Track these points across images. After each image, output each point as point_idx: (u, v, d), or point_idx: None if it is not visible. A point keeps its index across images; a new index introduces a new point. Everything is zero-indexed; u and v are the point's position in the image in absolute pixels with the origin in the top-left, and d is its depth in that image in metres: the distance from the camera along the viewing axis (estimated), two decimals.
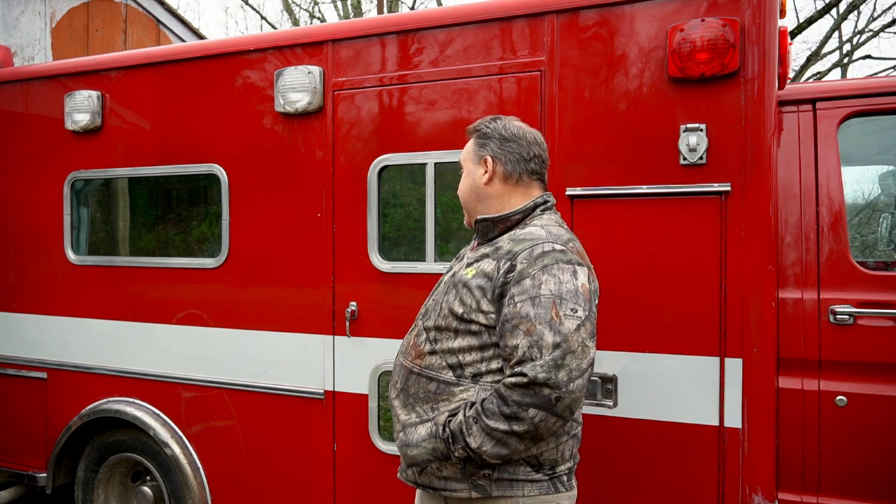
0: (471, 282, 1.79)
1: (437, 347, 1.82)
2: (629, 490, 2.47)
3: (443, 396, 1.79)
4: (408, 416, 1.84)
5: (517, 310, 1.69)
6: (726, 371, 2.33)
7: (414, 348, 1.88)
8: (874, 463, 2.39)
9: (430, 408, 1.80)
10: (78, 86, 3.45)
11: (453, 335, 1.80)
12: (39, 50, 7.31)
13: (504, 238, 1.86)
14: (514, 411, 1.64)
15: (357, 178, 2.86)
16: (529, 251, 1.75)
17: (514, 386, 1.65)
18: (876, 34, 12.65)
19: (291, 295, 3.01)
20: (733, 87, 2.31)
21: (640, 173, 2.42)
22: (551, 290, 1.69)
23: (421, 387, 1.82)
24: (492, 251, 1.83)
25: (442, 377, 1.80)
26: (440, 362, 1.81)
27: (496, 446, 1.67)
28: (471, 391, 1.77)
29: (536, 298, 1.68)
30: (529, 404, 1.64)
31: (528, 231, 1.84)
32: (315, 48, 2.94)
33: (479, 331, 1.77)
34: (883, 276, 2.49)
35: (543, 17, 2.55)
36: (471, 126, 2.00)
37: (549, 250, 1.74)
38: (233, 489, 3.17)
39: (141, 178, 3.39)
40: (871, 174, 3.48)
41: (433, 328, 1.84)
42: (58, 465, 3.53)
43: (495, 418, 1.66)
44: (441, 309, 1.84)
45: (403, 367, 1.90)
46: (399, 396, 1.88)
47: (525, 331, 1.67)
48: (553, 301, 1.68)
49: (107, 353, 3.42)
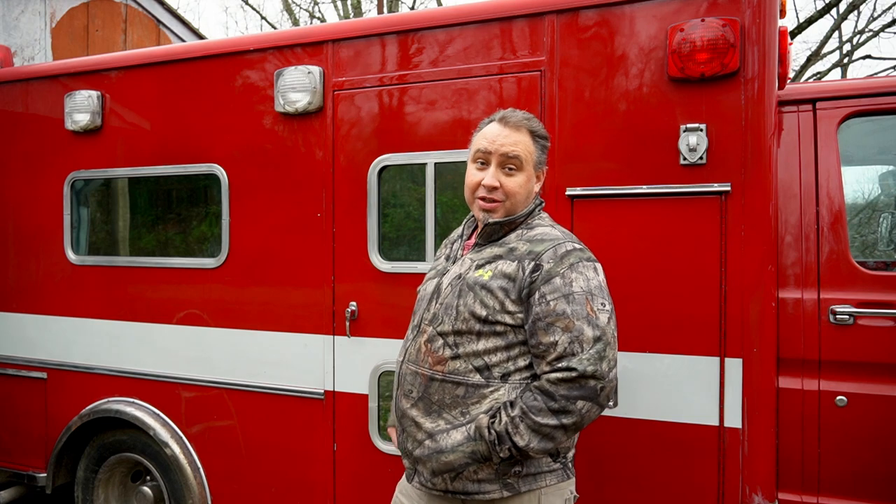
0: (490, 283, 1.80)
1: (461, 352, 1.80)
2: (629, 490, 2.47)
3: (472, 399, 1.79)
4: (434, 423, 1.82)
5: (552, 308, 1.73)
6: (726, 371, 2.33)
7: (430, 355, 1.84)
8: (874, 463, 2.39)
9: (459, 412, 1.79)
10: (78, 86, 3.45)
11: (476, 338, 1.80)
12: (39, 50, 7.31)
13: (512, 238, 1.88)
14: (562, 405, 1.69)
15: (357, 178, 2.86)
16: (553, 251, 1.79)
17: (561, 381, 1.70)
18: (876, 34, 12.66)
19: (291, 295, 3.01)
20: (733, 87, 2.31)
21: (640, 173, 2.42)
22: (582, 287, 1.75)
23: (447, 393, 1.81)
24: (505, 252, 1.84)
25: (470, 381, 1.79)
26: (465, 366, 1.80)
27: (542, 441, 1.71)
28: (501, 391, 1.78)
29: (570, 296, 1.74)
30: (578, 397, 1.69)
31: (542, 231, 1.87)
32: (315, 48, 2.94)
33: (504, 331, 1.79)
34: (883, 276, 2.49)
35: (543, 17, 2.55)
36: (521, 120, 1.91)
37: (572, 249, 1.81)
38: (233, 489, 3.17)
39: (141, 178, 3.39)
40: (871, 174, 3.49)
41: (451, 333, 1.82)
42: (58, 465, 3.52)
43: (542, 414, 1.70)
44: (458, 313, 1.82)
45: (421, 376, 1.86)
46: (417, 405, 1.85)
47: (563, 327, 1.72)
48: (586, 297, 1.75)
49: (107, 353, 3.42)
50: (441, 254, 2.10)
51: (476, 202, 1.91)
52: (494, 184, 1.87)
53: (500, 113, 1.93)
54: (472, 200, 1.94)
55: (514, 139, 1.88)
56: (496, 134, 1.89)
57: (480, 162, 1.91)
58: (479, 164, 1.91)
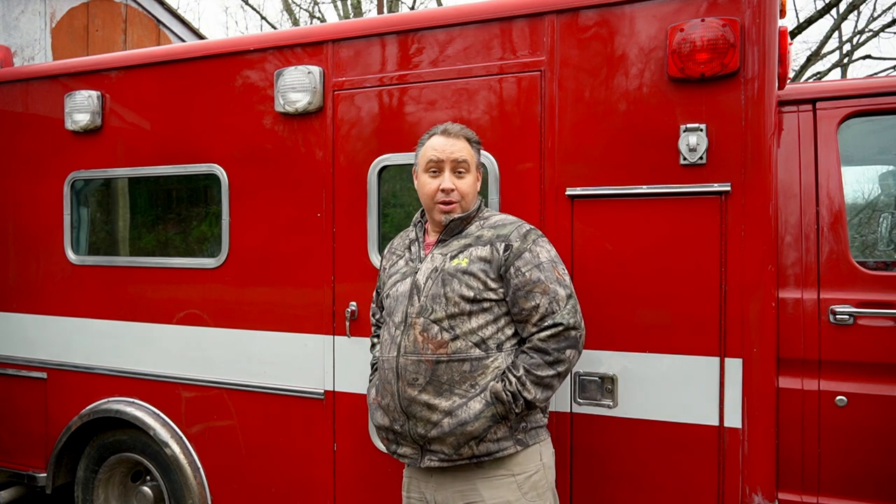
0: (470, 268, 2.07)
1: (458, 332, 2.04)
2: (629, 490, 2.47)
3: (478, 371, 2.03)
4: (449, 400, 2.02)
5: (527, 277, 2.05)
6: (726, 371, 2.33)
7: (430, 342, 2.05)
8: (874, 463, 2.39)
9: (469, 386, 2.03)
10: (78, 86, 3.45)
11: (468, 317, 2.05)
12: (39, 50, 7.31)
13: (473, 229, 2.17)
14: (556, 357, 2.02)
15: (357, 178, 2.86)
16: (517, 232, 2.11)
17: (550, 337, 2.03)
18: (876, 34, 12.66)
19: (291, 295, 3.01)
20: (733, 87, 2.31)
21: (640, 173, 2.42)
22: (546, 258, 2.10)
23: (455, 371, 2.03)
24: (473, 240, 2.13)
25: (473, 355, 2.04)
26: (465, 344, 2.04)
27: (544, 391, 2.04)
28: (499, 359, 2.06)
29: (540, 265, 2.07)
30: (565, 346, 2.04)
31: (500, 218, 2.20)
32: (315, 48, 2.94)
33: (490, 307, 2.07)
34: (883, 276, 2.49)
35: (543, 17, 2.55)
36: (460, 130, 2.21)
37: (530, 229, 2.15)
38: (233, 489, 3.17)
39: (141, 178, 3.39)
40: (871, 174, 3.48)
41: (445, 318, 2.05)
42: (58, 465, 3.53)
43: (541, 368, 2.02)
44: (447, 299, 2.05)
45: (425, 362, 2.05)
46: (427, 389, 2.04)
47: (541, 291, 2.04)
48: (552, 265, 2.10)
49: (107, 353, 3.42)
50: (392, 260, 2.31)
51: (436, 207, 2.17)
52: (451, 186, 2.15)
53: (441, 127, 2.22)
54: (431, 206, 2.19)
55: (459, 146, 2.18)
56: (443, 144, 2.18)
57: (433, 171, 2.18)
58: (431, 173, 2.19)
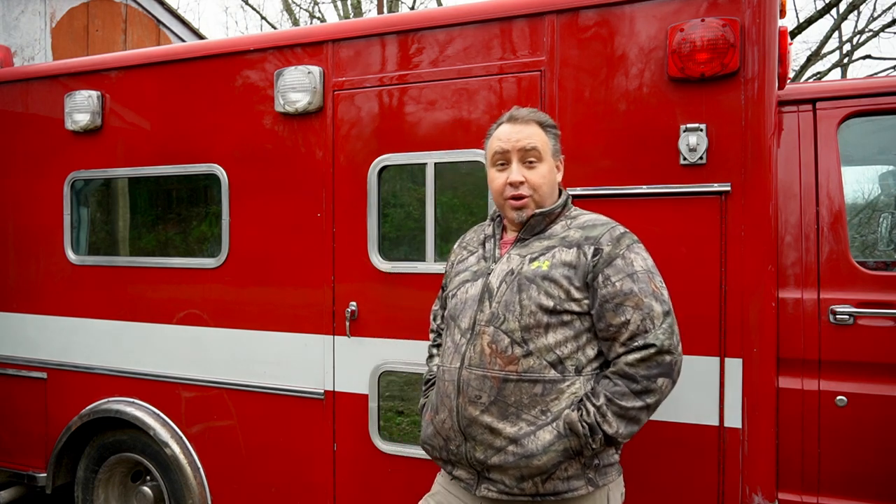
0: (552, 273, 1.79)
1: (532, 348, 1.77)
2: (629, 490, 2.46)
3: (551, 396, 1.76)
4: (515, 426, 1.76)
5: (618, 288, 1.76)
6: (726, 371, 2.33)
7: (499, 356, 1.79)
8: (874, 463, 2.39)
9: (539, 411, 1.76)
10: (78, 86, 3.45)
11: (544, 331, 1.78)
12: (39, 50, 7.31)
13: (558, 229, 1.89)
14: (644, 386, 1.72)
15: (357, 178, 2.86)
16: (609, 234, 1.83)
17: (640, 361, 1.73)
18: (876, 34, 12.66)
19: (291, 295, 3.01)
20: (733, 87, 2.31)
21: (641, 173, 2.42)
22: (642, 266, 1.80)
23: (524, 392, 1.76)
24: (558, 241, 1.85)
25: (546, 377, 1.77)
26: (539, 363, 1.77)
27: (629, 425, 1.74)
28: (577, 384, 1.78)
29: (634, 275, 1.77)
30: (657, 374, 1.73)
31: (590, 218, 1.91)
32: (315, 48, 2.94)
33: (570, 320, 1.79)
34: (883, 276, 2.49)
35: (543, 17, 2.55)
36: (528, 114, 1.93)
37: (624, 232, 1.85)
38: (233, 489, 3.17)
39: (141, 178, 3.39)
40: (871, 174, 3.48)
41: (518, 329, 1.78)
42: (58, 465, 3.52)
43: (627, 398, 1.72)
44: (523, 308, 1.78)
45: (491, 379, 1.79)
46: (490, 410, 1.78)
47: (633, 305, 1.75)
48: (648, 275, 1.80)
49: (107, 353, 3.42)
50: (462, 256, 2.05)
51: (506, 203, 1.91)
52: (520, 178, 1.88)
53: (507, 114, 1.96)
54: (502, 203, 1.94)
55: (528, 132, 1.90)
56: (509, 132, 1.91)
57: (501, 164, 1.93)
58: (499, 167, 1.93)
